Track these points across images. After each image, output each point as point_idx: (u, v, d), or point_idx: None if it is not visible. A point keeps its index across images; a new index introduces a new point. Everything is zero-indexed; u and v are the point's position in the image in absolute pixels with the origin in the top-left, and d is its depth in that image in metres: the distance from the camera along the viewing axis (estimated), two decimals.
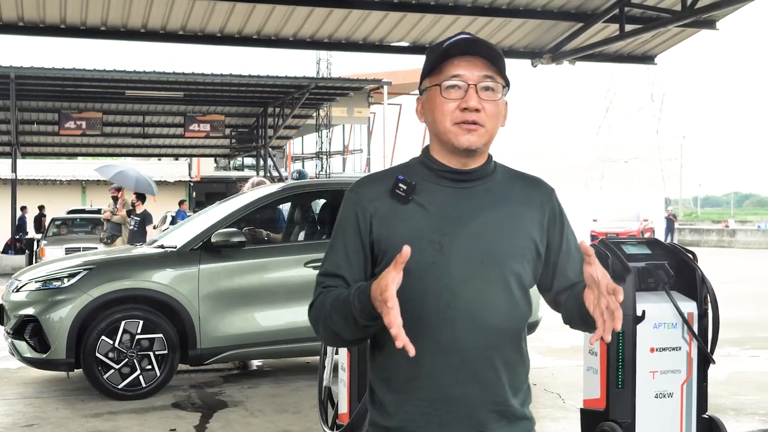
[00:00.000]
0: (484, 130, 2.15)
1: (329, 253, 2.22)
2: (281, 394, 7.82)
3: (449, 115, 2.14)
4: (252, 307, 7.95)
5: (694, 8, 9.43)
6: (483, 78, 2.14)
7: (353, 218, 2.18)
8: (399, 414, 2.15)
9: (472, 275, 2.12)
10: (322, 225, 8.90)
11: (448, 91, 2.15)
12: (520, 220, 2.20)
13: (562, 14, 10.96)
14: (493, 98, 2.15)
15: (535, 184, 2.30)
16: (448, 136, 2.15)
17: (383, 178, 2.24)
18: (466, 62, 2.14)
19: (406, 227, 2.13)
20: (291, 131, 31.55)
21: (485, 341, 2.12)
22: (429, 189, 2.17)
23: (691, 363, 5.35)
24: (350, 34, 11.37)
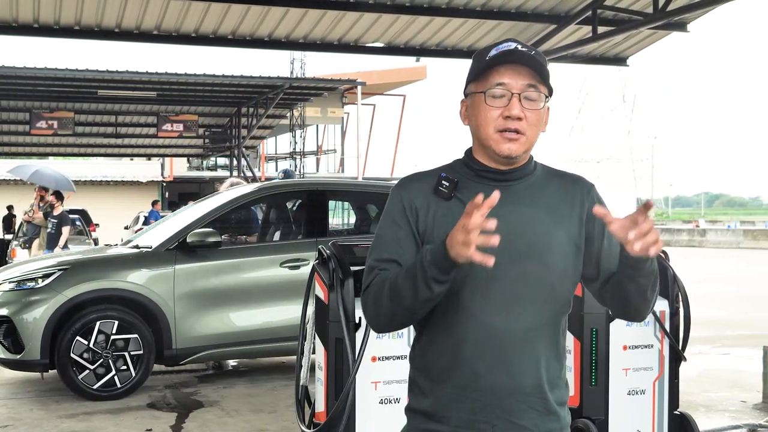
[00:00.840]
0: (525, 139, 2.21)
1: (381, 243, 2.27)
2: (257, 394, 7.83)
3: (492, 122, 2.21)
4: (228, 307, 7.96)
5: (665, 11, 9.53)
6: (526, 87, 2.19)
7: (402, 210, 2.26)
8: (433, 398, 2.23)
9: (511, 269, 2.17)
10: (298, 225, 8.92)
11: (492, 99, 2.20)
12: (559, 217, 2.26)
13: (535, 16, 11.04)
14: (536, 107, 2.21)
15: (574, 181, 2.36)
16: (489, 143, 2.23)
17: (427, 176, 2.32)
18: (511, 71, 2.19)
19: (448, 222, 2.17)
20: (265, 131, 31.49)
21: (521, 333, 2.19)
22: (471, 187, 2.24)
23: (663, 360, 5.43)
24: (325, 34, 11.39)
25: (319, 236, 8.30)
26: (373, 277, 2.22)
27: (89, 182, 42.57)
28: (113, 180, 42.52)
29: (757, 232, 44.94)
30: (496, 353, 2.18)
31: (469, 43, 12.03)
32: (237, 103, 27.28)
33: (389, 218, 2.29)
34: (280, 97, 25.35)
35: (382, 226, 2.31)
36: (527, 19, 11.11)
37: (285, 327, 7.94)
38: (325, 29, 11.21)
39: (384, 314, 2.19)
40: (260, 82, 23.92)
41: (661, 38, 12.11)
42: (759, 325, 12.70)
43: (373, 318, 2.25)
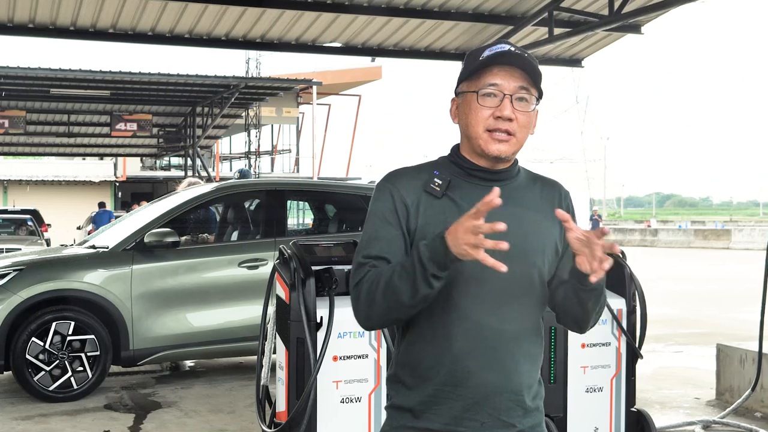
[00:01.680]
0: (515, 140, 2.25)
1: (370, 239, 2.26)
2: (215, 395, 7.80)
3: (483, 121, 2.24)
4: (186, 307, 7.91)
5: (620, 13, 9.66)
6: (518, 89, 2.23)
7: (392, 206, 2.26)
8: (420, 396, 2.24)
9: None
10: (256, 225, 8.89)
11: (484, 98, 2.24)
12: (543, 219, 2.31)
13: (492, 17, 11.12)
14: (526, 109, 2.25)
15: (554, 186, 2.42)
16: (479, 142, 2.25)
17: (415, 172, 2.32)
18: (504, 72, 2.22)
19: (439, 220, 2.20)
20: (220, 131, 31.34)
21: (509, 332, 2.23)
22: (460, 185, 2.27)
23: (620, 358, 5.51)
24: (283, 34, 11.37)
25: (277, 236, 8.30)
26: (363, 274, 2.21)
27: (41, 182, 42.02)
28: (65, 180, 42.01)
29: (708, 232, 45.67)
30: (488, 352, 2.20)
31: (427, 44, 12.08)
32: (192, 102, 27.11)
33: (379, 213, 2.28)
34: (236, 97, 25.26)
35: (371, 220, 2.30)
36: (484, 20, 11.19)
37: (243, 327, 7.92)
38: (282, 29, 11.19)
39: (377, 312, 2.19)
40: (215, 82, 23.80)
41: (616, 40, 12.26)
42: (710, 323, 12.92)
43: (365, 315, 2.24)
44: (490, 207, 1.96)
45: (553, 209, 2.29)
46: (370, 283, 2.18)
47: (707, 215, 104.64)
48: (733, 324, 12.38)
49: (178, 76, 22.80)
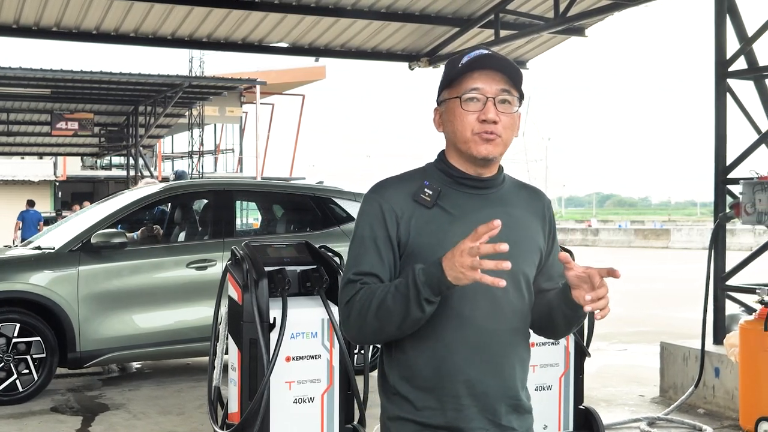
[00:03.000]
0: (501, 141, 2.27)
1: (360, 253, 2.27)
2: (164, 396, 7.75)
3: (469, 126, 2.25)
4: (133, 308, 7.85)
5: (565, 16, 9.77)
6: (500, 92, 2.25)
7: (381, 218, 2.26)
8: (425, 408, 2.24)
9: (494, 274, 2.13)
10: (204, 225, 8.85)
11: (467, 103, 2.26)
12: (529, 226, 2.35)
13: (439, 19, 11.16)
14: (509, 111, 2.27)
15: (537, 194, 2.46)
16: (468, 146, 2.27)
17: (404, 181, 2.34)
18: (485, 76, 2.25)
19: (433, 230, 2.23)
20: (162, 130, 30.99)
21: (503, 339, 2.26)
22: (450, 194, 2.29)
23: (568, 357, 5.61)
24: (229, 33, 11.29)
25: (226, 237, 8.27)
26: (354, 292, 2.21)
27: None
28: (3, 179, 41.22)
29: (648, 232, 46.45)
30: (488, 359, 2.24)
31: (374, 45, 12.10)
32: (134, 101, 26.78)
33: (367, 225, 2.28)
34: (179, 96, 25.01)
35: (359, 233, 2.29)
36: (431, 22, 11.23)
37: (191, 328, 7.89)
38: (229, 28, 11.11)
39: (369, 331, 2.21)
40: (159, 81, 23.54)
41: (561, 42, 12.39)
42: (653, 322, 13.16)
43: (357, 334, 2.25)
44: (491, 233, 1.98)
45: (538, 217, 2.39)
46: (361, 303, 2.18)
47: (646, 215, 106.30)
48: (676, 323, 12.63)
49: (120, 75, 22.51)
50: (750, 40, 7.55)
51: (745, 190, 7.07)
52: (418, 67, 12.42)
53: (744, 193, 7.06)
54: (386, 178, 2.39)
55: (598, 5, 9.72)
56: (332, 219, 8.68)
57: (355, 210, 8.68)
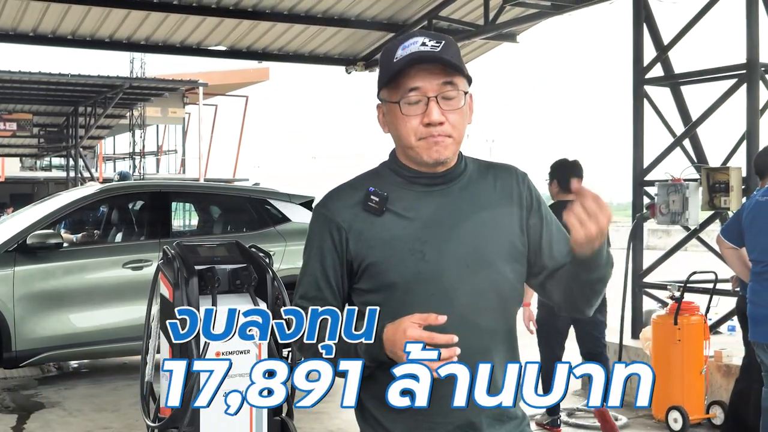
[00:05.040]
0: (451, 140, 2.07)
1: (305, 274, 2.17)
2: (99, 394, 7.87)
3: (413, 131, 2.06)
4: (70, 308, 7.93)
5: (495, 23, 10.10)
6: (442, 86, 2.04)
7: (328, 235, 2.12)
8: (398, 430, 2.09)
9: (459, 281, 2.06)
10: (141, 226, 8.97)
11: (407, 107, 2.06)
12: (500, 216, 2.13)
13: (374, 24, 11.42)
14: (456, 106, 2.06)
15: (506, 171, 2.22)
16: (415, 151, 2.08)
17: (353, 188, 2.16)
18: (423, 72, 2.03)
19: (384, 239, 2.07)
20: (103, 131, 30.82)
21: (478, 347, 2.04)
22: (403, 196, 2.11)
23: None
24: (167, 36, 11.43)
25: (162, 237, 8.40)
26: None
27: None
28: None
29: None
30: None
31: (311, 48, 12.31)
32: (74, 102, 26.61)
33: (314, 246, 2.16)
34: (120, 97, 24.93)
35: (307, 253, 2.18)
36: (367, 27, 11.49)
37: (127, 327, 7.98)
38: (167, 31, 11.25)
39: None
40: (99, 82, 23.45)
41: (493, 48, 12.73)
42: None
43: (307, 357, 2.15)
44: (438, 339, 1.86)
45: (509, 197, 2.16)
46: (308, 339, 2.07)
47: None
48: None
49: (60, 76, 22.39)
50: (666, 49, 7.93)
51: (660, 191, 7.43)
52: (355, 71, 12.68)
53: (659, 194, 7.42)
54: (335, 188, 2.21)
55: (525, 14, 10.07)
56: (267, 220, 8.85)
57: (290, 211, 8.92)
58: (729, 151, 7.51)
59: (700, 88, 8.15)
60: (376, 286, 2.09)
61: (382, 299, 2.06)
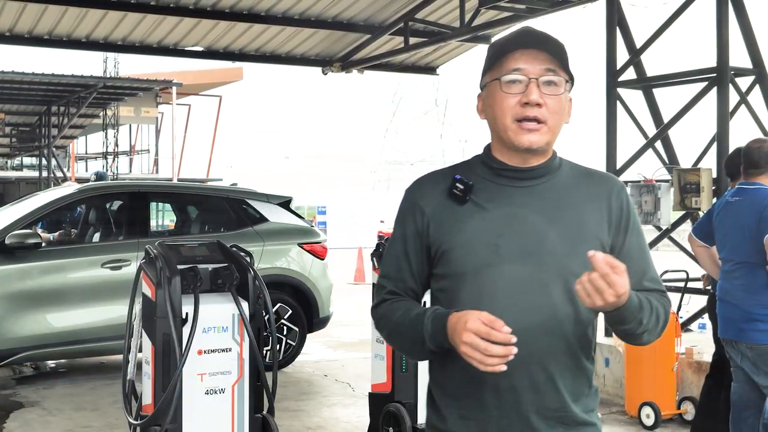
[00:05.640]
0: (546, 128, 2.06)
1: (390, 255, 2.22)
2: (78, 393, 7.90)
3: (509, 110, 2.06)
4: (48, 308, 7.96)
5: (471, 26, 10.22)
6: (545, 71, 2.04)
7: (411, 219, 2.16)
8: (453, 418, 2.13)
9: (530, 279, 2.04)
10: (119, 226, 9.01)
11: (508, 85, 2.05)
12: (584, 220, 2.10)
13: (351, 25, 11.51)
14: (556, 93, 2.06)
15: (603, 181, 2.19)
16: (508, 134, 2.07)
17: (442, 176, 2.19)
18: (527, 55, 2.05)
19: (463, 228, 2.09)
20: (76, 131, 30.71)
21: (541, 346, 2.03)
22: (488, 188, 2.11)
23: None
24: (144, 37, 11.45)
25: (140, 237, 8.44)
26: (381, 300, 2.21)
27: None
28: None
29: None
30: (519, 371, 2.02)
31: (287, 50, 12.37)
32: (47, 101, 26.50)
33: (400, 226, 2.21)
34: (93, 97, 24.86)
35: (394, 233, 2.23)
36: (343, 29, 11.57)
37: (106, 327, 8.03)
38: (144, 32, 11.27)
39: (389, 342, 2.29)
40: (72, 81, 23.38)
41: (469, 49, 12.86)
42: None
43: (383, 337, 2.28)
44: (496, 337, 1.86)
45: (600, 207, 2.13)
46: (384, 318, 2.18)
47: None
48: None
49: (33, 75, 22.30)
50: (638, 52, 8.08)
51: (633, 192, 7.58)
52: (331, 72, 12.75)
53: (632, 195, 7.57)
54: (426, 174, 2.26)
55: (500, 17, 10.21)
56: (245, 220, 8.92)
57: (268, 211, 9.00)
58: (700, 153, 7.68)
59: (671, 91, 8.31)
60: (449, 272, 2.12)
61: (453, 286, 2.10)
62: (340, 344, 10.69)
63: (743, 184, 4.96)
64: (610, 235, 2.12)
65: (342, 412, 7.20)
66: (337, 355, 10.03)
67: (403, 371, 5.78)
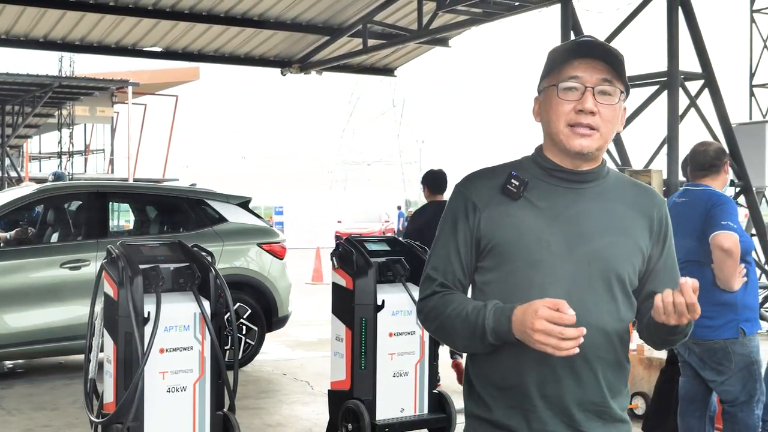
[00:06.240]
0: (599, 135, 2.15)
1: (439, 247, 2.27)
2: (37, 393, 7.90)
3: (564, 116, 2.15)
4: (6, 308, 7.95)
5: (428, 28, 10.38)
6: (601, 81, 2.13)
7: (463, 212, 2.22)
8: (498, 408, 2.20)
9: (577, 275, 2.13)
10: (78, 226, 9.00)
11: (564, 92, 2.14)
12: (630, 226, 2.21)
13: (310, 27, 11.62)
14: (610, 102, 2.14)
15: (648, 193, 2.30)
16: (560, 138, 2.16)
17: (493, 173, 2.26)
18: (585, 65, 2.13)
19: (515, 224, 2.16)
20: (31, 130, 30.39)
21: (586, 341, 2.04)
22: (540, 187, 2.19)
23: (423, 345, 6.09)
24: (103, 37, 11.45)
25: (99, 237, 8.45)
26: (430, 293, 2.24)
27: None
28: None
29: None
30: (563, 363, 2.11)
31: (247, 51, 12.44)
32: (2, 100, 26.21)
33: (450, 219, 2.26)
34: (49, 96, 24.65)
35: (442, 226, 2.28)
36: (302, 30, 11.67)
37: (65, 327, 8.03)
38: (102, 32, 11.28)
39: (436, 334, 2.27)
40: (27, 81, 23.16)
41: (426, 51, 13.03)
42: None
43: (428, 330, 2.30)
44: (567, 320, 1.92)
45: (644, 217, 2.25)
46: (435, 310, 2.22)
47: None
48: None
49: None
50: None
51: None
52: (290, 72, 12.84)
53: None
54: (478, 170, 2.32)
55: (457, 20, 10.37)
56: (205, 220, 8.96)
57: (227, 211, 9.04)
58: (651, 155, 7.89)
59: None
60: (498, 266, 2.18)
61: (502, 281, 2.16)
62: (298, 344, 10.77)
63: (689, 186, 5.12)
64: (650, 243, 2.24)
65: (302, 410, 7.29)
66: (296, 354, 10.11)
67: (362, 369, 5.89)
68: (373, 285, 5.90)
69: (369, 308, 5.89)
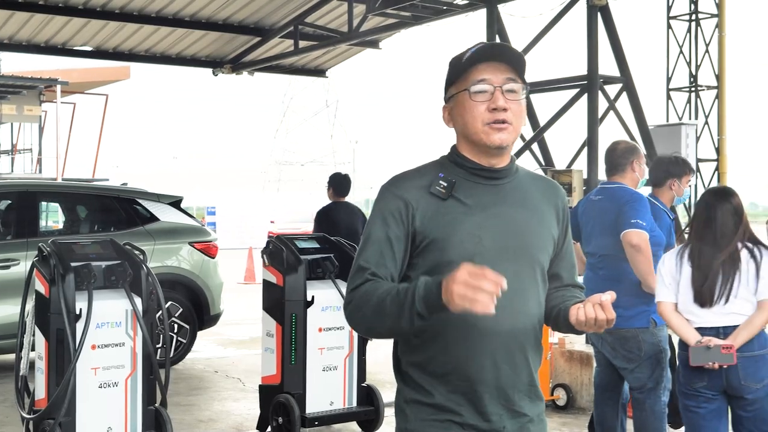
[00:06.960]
0: (512, 128, 2.31)
1: (370, 243, 2.33)
2: None
3: (480, 116, 2.29)
4: None
5: (359, 31, 10.55)
6: (507, 80, 2.28)
7: (396, 210, 2.31)
8: (438, 393, 2.32)
9: (507, 266, 2.24)
10: (8, 226, 8.95)
11: (476, 94, 2.29)
12: (543, 217, 2.41)
13: (241, 28, 11.70)
14: (517, 98, 2.30)
15: (552, 185, 2.51)
16: (480, 137, 2.31)
17: (419, 174, 2.39)
18: (490, 67, 2.29)
19: (448, 221, 2.29)
20: None
21: (519, 327, 2.30)
22: (465, 186, 2.33)
23: (352, 340, 6.26)
24: (32, 36, 11.38)
25: (29, 237, 8.43)
26: (361, 282, 2.29)
27: None
28: None
29: None
30: (498, 348, 2.28)
31: (179, 51, 12.46)
32: None
33: (380, 217, 2.34)
34: None
35: (372, 224, 2.35)
36: (234, 31, 11.74)
37: None
38: (32, 31, 11.21)
39: (364, 324, 2.29)
40: None
41: (357, 53, 13.18)
42: None
43: (354, 322, 2.32)
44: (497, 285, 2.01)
45: (553, 207, 2.45)
46: (362, 296, 2.26)
47: None
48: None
49: None
50: None
51: None
52: (222, 73, 12.89)
53: None
54: (403, 172, 2.43)
55: (386, 23, 10.56)
56: (136, 219, 8.98)
57: (159, 210, 9.08)
58: (573, 155, 8.16)
59: (547, 97, 8.78)
60: (434, 262, 2.29)
61: (437, 275, 2.18)
62: (230, 342, 10.84)
63: (604, 184, 5.36)
64: (558, 231, 2.45)
65: (233, 406, 7.40)
66: (227, 352, 10.19)
67: (293, 363, 6.03)
68: (303, 281, 6.05)
69: (299, 304, 6.04)
